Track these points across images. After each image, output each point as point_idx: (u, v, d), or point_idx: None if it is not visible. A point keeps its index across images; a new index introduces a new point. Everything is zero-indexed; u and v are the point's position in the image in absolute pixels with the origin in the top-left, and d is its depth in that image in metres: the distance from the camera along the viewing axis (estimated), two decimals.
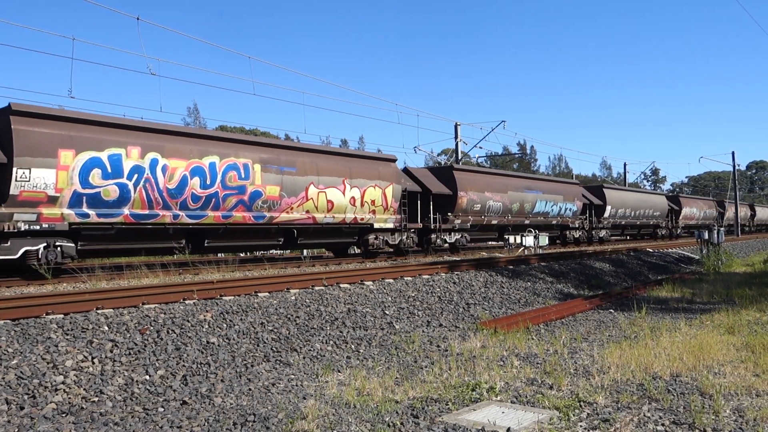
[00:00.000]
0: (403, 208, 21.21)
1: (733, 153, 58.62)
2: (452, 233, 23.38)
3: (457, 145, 35.22)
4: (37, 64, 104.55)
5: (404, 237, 21.28)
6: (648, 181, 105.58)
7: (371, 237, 20.05)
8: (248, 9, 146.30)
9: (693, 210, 47.68)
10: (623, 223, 37.84)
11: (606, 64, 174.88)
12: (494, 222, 25.58)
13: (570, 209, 31.58)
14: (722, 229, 26.35)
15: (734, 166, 55.06)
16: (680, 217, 45.03)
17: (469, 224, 23.99)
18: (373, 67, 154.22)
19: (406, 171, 23.38)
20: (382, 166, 20.56)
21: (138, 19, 17.39)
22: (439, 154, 53.32)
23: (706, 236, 25.22)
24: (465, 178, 23.99)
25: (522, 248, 24.05)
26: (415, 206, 22.35)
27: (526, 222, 27.39)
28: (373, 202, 19.76)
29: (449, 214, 23.00)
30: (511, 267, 17.16)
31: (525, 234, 24.45)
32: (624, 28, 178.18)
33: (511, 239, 24.24)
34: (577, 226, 32.67)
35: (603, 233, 35.29)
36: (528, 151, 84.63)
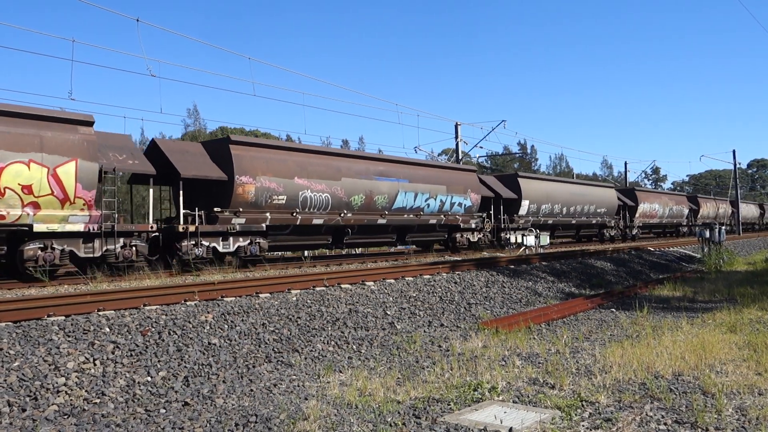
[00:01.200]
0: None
1: (734, 151, 58.67)
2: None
3: (457, 145, 35.22)
4: (37, 66, 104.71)
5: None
6: (649, 180, 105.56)
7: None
8: (248, 10, 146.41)
9: (654, 206, 40.88)
10: (551, 222, 29.87)
11: (607, 63, 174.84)
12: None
13: (462, 204, 24.03)
14: (723, 227, 26.32)
15: (735, 165, 55.04)
16: (637, 215, 38.42)
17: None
18: (373, 68, 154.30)
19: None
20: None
21: (138, 20, 17.40)
22: (439, 154, 53.31)
23: (708, 235, 25.20)
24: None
25: (523, 248, 24.05)
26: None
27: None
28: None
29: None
30: (512, 267, 17.15)
31: (526, 234, 24.51)
32: (624, 27, 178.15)
33: (512, 239, 24.29)
34: (473, 227, 24.91)
35: (514, 237, 24.49)
36: (528, 151, 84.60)
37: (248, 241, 16.37)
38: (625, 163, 57.79)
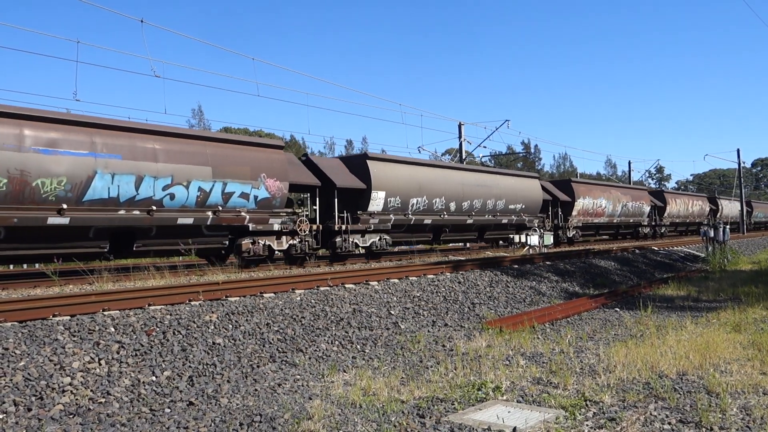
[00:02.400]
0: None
1: (738, 150, 58.36)
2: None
3: (461, 144, 35.21)
4: (42, 67, 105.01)
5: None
6: (653, 179, 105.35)
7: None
8: (251, 10, 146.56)
9: (600, 201, 33.69)
10: (413, 221, 21.45)
11: (610, 62, 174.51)
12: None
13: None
14: (727, 226, 26.25)
15: (739, 164, 54.87)
16: (574, 212, 31.53)
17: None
18: (377, 68, 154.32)
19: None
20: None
21: (142, 21, 17.45)
22: (443, 154, 53.27)
23: (712, 234, 25.14)
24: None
25: (527, 247, 24.04)
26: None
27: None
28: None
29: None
30: (516, 266, 17.14)
31: (530, 234, 24.52)
32: (628, 26, 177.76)
33: (516, 238, 24.34)
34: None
35: (361, 240, 20.07)
36: (532, 150, 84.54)
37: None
38: (629, 163, 57.64)
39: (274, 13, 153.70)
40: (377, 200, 19.63)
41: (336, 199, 18.86)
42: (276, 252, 16.93)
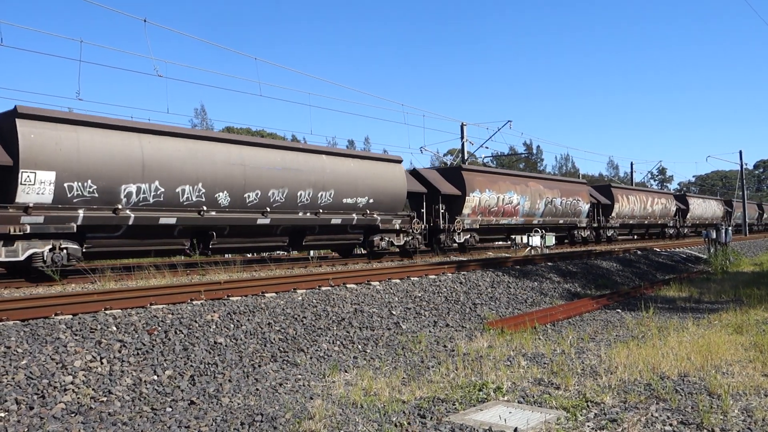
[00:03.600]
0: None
1: (740, 152, 58.40)
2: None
3: (463, 145, 35.19)
4: (45, 67, 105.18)
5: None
6: (655, 180, 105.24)
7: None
8: (254, 10, 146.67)
9: (486, 195, 24.46)
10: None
11: (613, 63, 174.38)
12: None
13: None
14: (730, 228, 26.22)
15: (742, 165, 54.78)
16: (465, 210, 24.74)
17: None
18: (379, 68, 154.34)
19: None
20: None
21: (145, 21, 17.47)
22: (445, 155, 53.27)
23: (714, 235, 25.10)
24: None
25: (529, 248, 24.04)
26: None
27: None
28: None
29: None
30: (518, 267, 17.14)
31: (531, 234, 24.53)
32: (631, 29, 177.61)
33: (518, 239, 24.39)
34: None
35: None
36: (534, 151, 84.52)
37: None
38: (631, 164, 57.64)
39: (277, 13, 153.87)
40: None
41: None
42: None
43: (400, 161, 21.10)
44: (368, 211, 19.28)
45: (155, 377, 7.10)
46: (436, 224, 22.51)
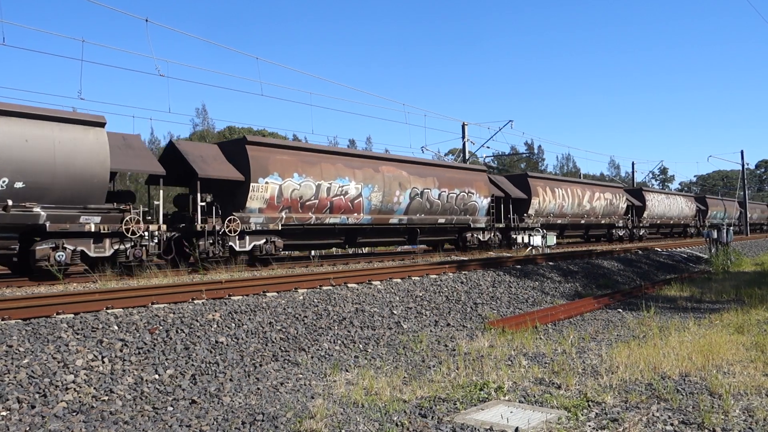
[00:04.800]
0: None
1: (742, 152, 58.33)
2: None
3: (464, 145, 35.20)
4: (47, 66, 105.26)
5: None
6: (656, 180, 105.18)
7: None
8: (256, 10, 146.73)
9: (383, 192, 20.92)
10: None
11: (614, 63, 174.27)
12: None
13: None
14: (731, 228, 26.21)
15: (743, 165, 54.73)
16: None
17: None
18: (381, 68, 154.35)
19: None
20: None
21: (147, 20, 17.48)
22: (446, 154, 53.29)
23: (715, 235, 25.09)
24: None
25: (530, 248, 24.02)
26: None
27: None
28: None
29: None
30: (519, 267, 17.14)
31: (533, 234, 24.55)
32: (631, 29, 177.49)
33: (519, 239, 24.39)
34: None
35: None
36: (536, 151, 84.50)
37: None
38: (633, 164, 57.66)
39: (279, 13, 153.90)
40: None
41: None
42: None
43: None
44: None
45: (156, 376, 7.11)
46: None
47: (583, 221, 33.04)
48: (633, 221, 37.82)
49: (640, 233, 38.57)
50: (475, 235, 24.93)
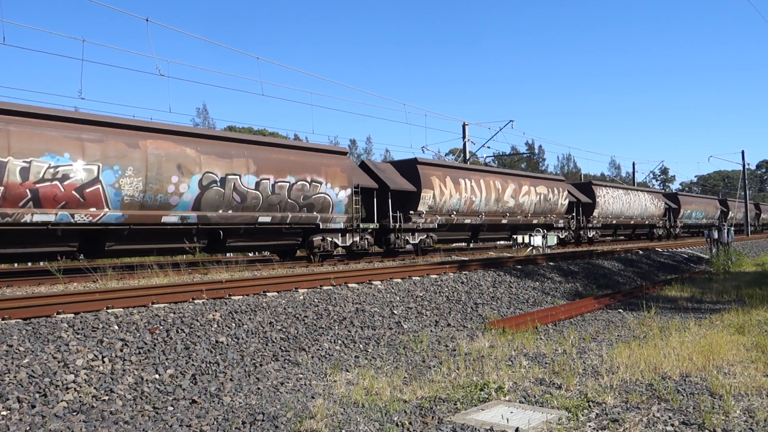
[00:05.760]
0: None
1: (742, 152, 58.33)
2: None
3: (464, 144, 35.20)
4: (48, 66, 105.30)
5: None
6: (657, 180, 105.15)
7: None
8: (256, 10, 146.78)
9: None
10: None
11: (615, 63, 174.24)
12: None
13: None
14: (732, 228, 26.20)
15: (744, 165, 54.71)
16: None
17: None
18: (381, 68, 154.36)
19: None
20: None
21: (147, 20, 17.49)
22: (446, 154, 53.27)
23: (716, 236, 25.09)
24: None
25: (530, 248, 24.01)
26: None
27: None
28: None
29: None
30: (519, 267, 17.13)
31: (533, 234, 24.51)
32: (632, 29, 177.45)
33: (519, 239, 24.33)
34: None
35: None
36: (536, 151, 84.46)
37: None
38: (633, 164, 57.60)
39: (279, 13, 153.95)
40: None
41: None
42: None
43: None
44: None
45: (157, 376, 7.11)
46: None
47: (505, 220, 25.99)
48: (580, 221, 33.00)
49: (590, 235, 33.64)
50: (329, 239, 18.78)
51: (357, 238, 19.39)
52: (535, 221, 28.11)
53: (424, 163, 22.71)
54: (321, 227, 18.19)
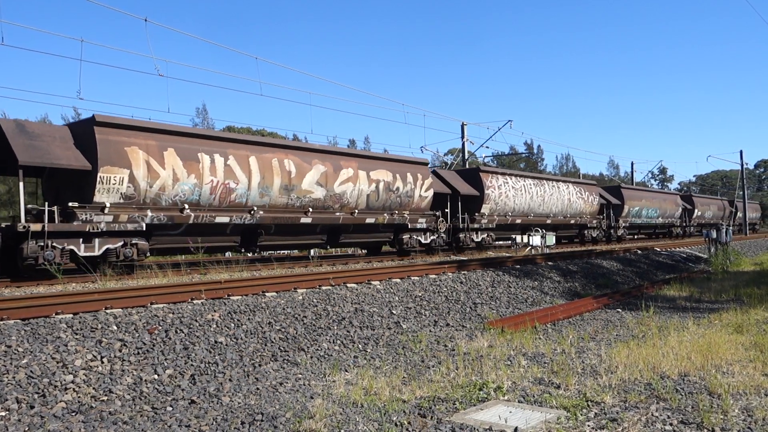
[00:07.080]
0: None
1: (741, 152, 58.36)
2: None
3: (463, 144, 35.20)
4: (46, 66, 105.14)
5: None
6: (655, 180, 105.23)
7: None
8: (255, 10, 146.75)
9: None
10: None
11: (613, 63, 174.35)
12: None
13: None
14: (730, 228, 26.24)
15: (742, 165, 54.78)
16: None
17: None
18: (380, 68, 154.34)
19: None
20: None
21: (146, 20, 17.48)
22: (445, 154, 53.29)
23: (714, 235, 25.12)
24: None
25: (529, 248, 24.04)
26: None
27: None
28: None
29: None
30: (518, 266, 17.14)
31: (532, 233, 24.57)
32: (631, 29, 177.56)
33: (518, 239, 24.41)
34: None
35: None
36: (535, 151, 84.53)
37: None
38: (632, 164, 57.64)
39: (278, 13, 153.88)
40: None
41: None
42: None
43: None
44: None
45: (156, 376, 7.10)
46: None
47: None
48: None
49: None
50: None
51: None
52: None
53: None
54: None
